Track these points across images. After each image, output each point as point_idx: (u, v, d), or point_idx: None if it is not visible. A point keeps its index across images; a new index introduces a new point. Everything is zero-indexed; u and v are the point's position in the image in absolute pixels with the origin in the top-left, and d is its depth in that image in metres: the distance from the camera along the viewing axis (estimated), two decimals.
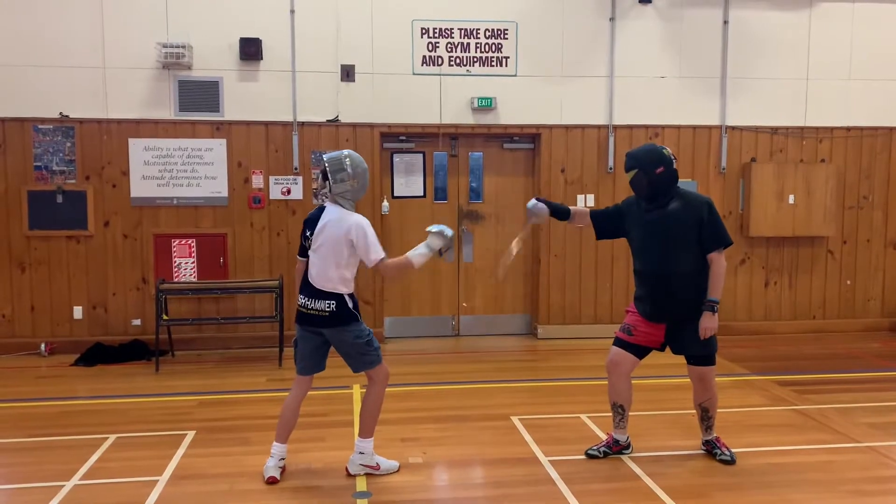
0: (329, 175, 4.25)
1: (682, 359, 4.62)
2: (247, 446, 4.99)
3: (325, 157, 4.33)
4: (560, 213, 4.78)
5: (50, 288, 7.76)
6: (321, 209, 4.35)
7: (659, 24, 8.36)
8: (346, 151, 4.33)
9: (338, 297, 4.24)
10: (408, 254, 4.33)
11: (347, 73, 7.98)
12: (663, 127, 8.43)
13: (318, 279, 4.26)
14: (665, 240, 4.46)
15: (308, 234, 4.33)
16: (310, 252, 4.32)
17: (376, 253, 4.21)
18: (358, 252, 4.22)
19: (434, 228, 4.36)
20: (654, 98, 8.38)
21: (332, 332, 4.29)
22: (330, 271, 4.24)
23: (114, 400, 6.17)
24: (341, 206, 4.29)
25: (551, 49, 8.24)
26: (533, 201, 4.75)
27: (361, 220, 4.24)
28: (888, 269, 8.92)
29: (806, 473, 4.49)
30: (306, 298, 4.30)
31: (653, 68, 8.37)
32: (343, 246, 4.21)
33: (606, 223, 4.81)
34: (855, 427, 5.32)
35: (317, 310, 4.26)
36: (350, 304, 4.28)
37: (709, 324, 4.42)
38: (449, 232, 4.34)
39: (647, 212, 4.55)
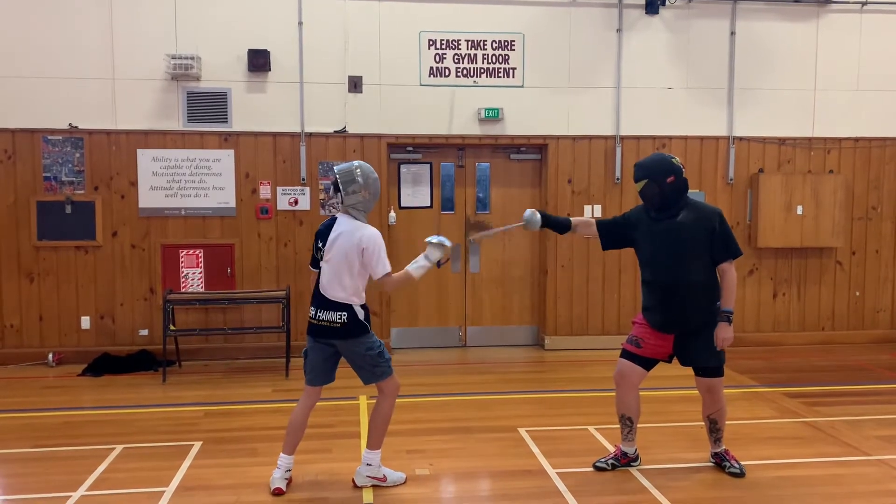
0: (340, 187, 4.25)
1: (689, 370, 4.60)
2: (253, 457, 4.98)
3: (336, 169, 4.33)
4: (560, 226, 4.84)
5: (58, 298, 7.78)
6: (333, 220, 4.37)
7: (666, 36, 8.37)
8: (356, 163, 4.33)
9: (349, 309, 4.24)
10: (408, 267, 4.35)
11: (355, 85, 8.01)
12: (670, 137, 8.42)
13: (329, 290, 4.26)
14: (675, 250, 4.45)
15: (320, 244, 4.33)
16: (322, 263, 4.32)
17: (384, 267, 4.23)
18: (366, 262, 4.23)
19: (433, 240, 4.38)
20: (661, 109, 8.38)
21: (344, 343, 4.29)
22: (343, 282, 4.24)
23: (120, 410, 6.17)
24: (353, 217, 4.30)
25: (558, 60, 8.25)
26: (530, 212, 4.78)
27: (375, 233, 4.26)
28: None
29: (816, 487, 4.46)
30: (317, 310, 4.30)
31: (660, 79, 8.37)
32: (355, 257, 4.21)
33: (612, 234, 4.81)
34: (865, 440, 5.28)
35: (328, 321, 4.26)
36: (361, 316, 4.28)
37: (725, 334, 4.40)
38: (448, 243, 4.38)
39: (656, 221, 4.54)
